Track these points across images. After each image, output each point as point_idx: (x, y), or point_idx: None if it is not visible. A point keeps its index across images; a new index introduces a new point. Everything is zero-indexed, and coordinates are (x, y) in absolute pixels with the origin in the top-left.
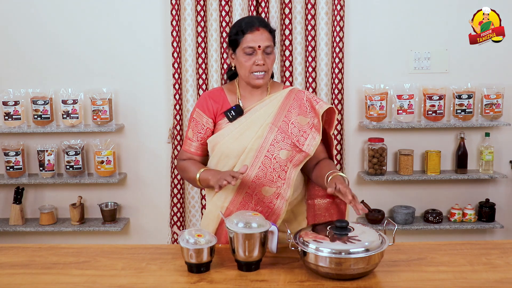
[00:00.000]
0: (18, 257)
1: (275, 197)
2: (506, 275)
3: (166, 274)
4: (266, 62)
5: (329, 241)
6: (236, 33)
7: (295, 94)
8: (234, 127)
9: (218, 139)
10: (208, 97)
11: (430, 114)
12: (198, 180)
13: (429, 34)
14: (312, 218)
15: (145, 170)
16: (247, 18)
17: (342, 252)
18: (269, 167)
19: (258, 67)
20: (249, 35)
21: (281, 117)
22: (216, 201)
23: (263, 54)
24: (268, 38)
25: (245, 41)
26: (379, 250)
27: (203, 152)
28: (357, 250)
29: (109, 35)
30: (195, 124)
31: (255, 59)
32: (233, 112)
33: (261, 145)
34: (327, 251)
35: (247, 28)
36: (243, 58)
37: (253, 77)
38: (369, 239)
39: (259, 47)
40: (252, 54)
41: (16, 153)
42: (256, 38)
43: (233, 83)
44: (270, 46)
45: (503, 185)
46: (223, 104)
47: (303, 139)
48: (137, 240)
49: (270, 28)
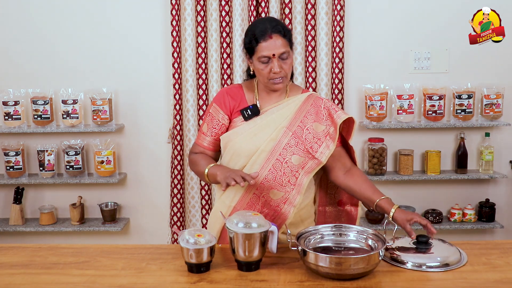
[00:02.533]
0: (18, 257)
1: (283, 202)
2: (506, 275)
3: (166, 274)
4: (283, 68)
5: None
6: (250, 41)
7: (313, 100)
8: (249, 127)
9: (231, 137)
10: (226, 93)
11: (430, 114)
12: (207, 175)
13: (429, 34)
14: (322, 224)
15: (145, 170)
16: (260, 24)
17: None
18: (279, 170)
19: (275, 75)
20: (263, 44)
21: (296, 121)
22: (224, 200)
23: (279, 60)
24: (283, 44)
25: (259, 50)
26: (458, 265)
27: (216, 147)
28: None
29: (109, 35)
30: (211, 119)
31: (271, 67)
32: (250, 111)
33: (274, 148)
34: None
35: (260, 36)
36: (259, 66)
37: (271, 83)
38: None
39: (273, 56)
40: (268, 63)
41: (16, 153)
42: (270, 46)
43: (251, 82)
44: (285, 52)
45: (503, 185)
46: (241, 102)
47: (317, 146)
48: (137, 240)
49: (284, 32)
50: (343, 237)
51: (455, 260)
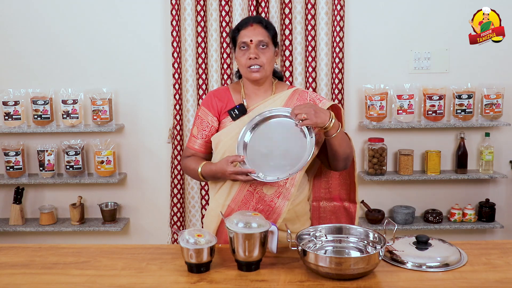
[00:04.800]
0: (18, 257)
1: (276, 196)
2: (506, 275)
3: (166, 274)
4: (259, 57)
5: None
6: (233, 32)
7: (299, 94)
8: (237, 126)
9: (221, 137)
10: (213, 96)
11: (430, 114)
12: (201, 174)
13: (429, 34)
14: (317, 220)
15: (145, 170)
16: (246, 17)
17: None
18: None
19: (251, 61)
20: (243, 31)
21: None
22: (218, 198)
23: (257, 48)
24: (262, 33)
25: (239, 37)
26: (458, 265)
27: (207, 149)
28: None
29: (109, 35)
30: (200, 121)
31: (248, 53)
32: (237, 111)
33: None
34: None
35: (242, 25)
36: (239, 53)
37: (249, 71)
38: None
39: (251, 41)
40: (246, 49)
41: (16, 153)
42: (248, 33)
43: (238, 83)
44: (263, 41)
45: (503, 185)
46: (228, 103)
47: None
48: (137, 240)
49: (266, 24)
50: (343, 243)
51: (455, 260)
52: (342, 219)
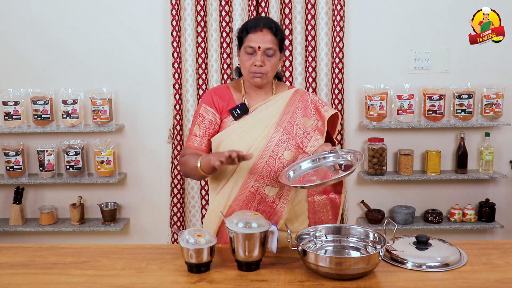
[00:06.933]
0: (18, 257)
1: (278, 197)
2: (506, 275)
3: (166, 274)
4: (265, 64)
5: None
6: (241, 31)
7: (301, 96)
8: (239, 126)
9: (223, 137)
10: (214, 93)
11: (430, 114)
12: (200, 168)
13: (429, 34)
14: (313, 214)
15: (145, 170)
16: (255, 18)
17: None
18: (273, 167)
19: (256, 68)
20: (252, 35)
21: (286, 117)
22: (219, 199)
23: (263, 55)
24: (271, 41)
25: (247, 40)
26: (457, 265)
27: (208, 147)
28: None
29: (109, 35)
30: (202, 119)
31: (254, 59)
32: (239, 110)
33: (266, 145)
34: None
35: (251, 27)
36: (244, 57)
37: (251, 76)
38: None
39: (258, 48)
40: (252, 54)
41: (16, 153)
42: (257, 38)
43: (238, 81)
44: (271, 49)
45: (503, 185)
46: (229, 102)
47: (307, 141)
48: (137, 240)
49: (275, 31)
50: (343, 243)
51: (455, 260)
52: (330, 209)
